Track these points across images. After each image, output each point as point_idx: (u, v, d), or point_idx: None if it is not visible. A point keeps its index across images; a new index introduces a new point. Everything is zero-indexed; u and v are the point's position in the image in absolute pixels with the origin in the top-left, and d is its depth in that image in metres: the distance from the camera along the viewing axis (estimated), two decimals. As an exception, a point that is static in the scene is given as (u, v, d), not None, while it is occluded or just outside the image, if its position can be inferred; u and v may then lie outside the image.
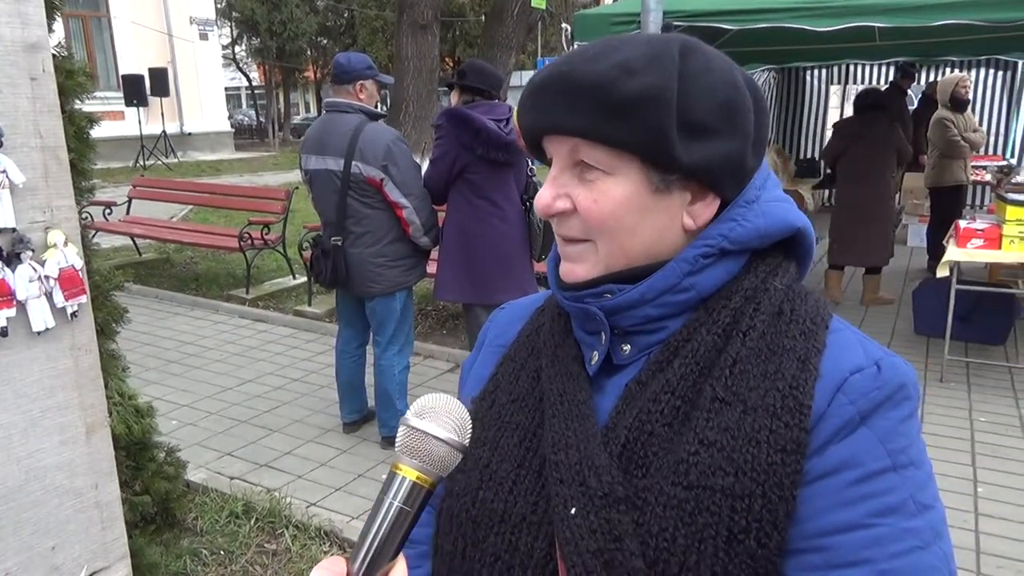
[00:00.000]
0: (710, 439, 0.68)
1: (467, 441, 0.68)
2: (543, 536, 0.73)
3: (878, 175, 5.97)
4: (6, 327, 1.60)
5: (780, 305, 0.75)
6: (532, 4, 8.27)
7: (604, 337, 0.78)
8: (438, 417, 0.67)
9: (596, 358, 0.79)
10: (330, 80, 3.65)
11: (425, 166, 3.71)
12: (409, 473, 0.66)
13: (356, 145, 3.42)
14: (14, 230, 1.60)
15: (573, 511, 0.70)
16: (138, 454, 2.40)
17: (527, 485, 0.76)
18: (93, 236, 7.99)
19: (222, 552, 3.01)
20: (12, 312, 1.61)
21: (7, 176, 1.57)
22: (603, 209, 0.74)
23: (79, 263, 1.72)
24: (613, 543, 0.68)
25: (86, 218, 7.38)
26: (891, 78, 8.76)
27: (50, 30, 2.19)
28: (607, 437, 0.73)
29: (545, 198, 0.77)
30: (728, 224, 0.76)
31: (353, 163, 3.43)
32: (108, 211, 7.88)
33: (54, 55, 2.18)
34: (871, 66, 10.22)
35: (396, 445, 0.67)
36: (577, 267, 0.78)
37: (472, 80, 3.55)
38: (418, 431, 0.66)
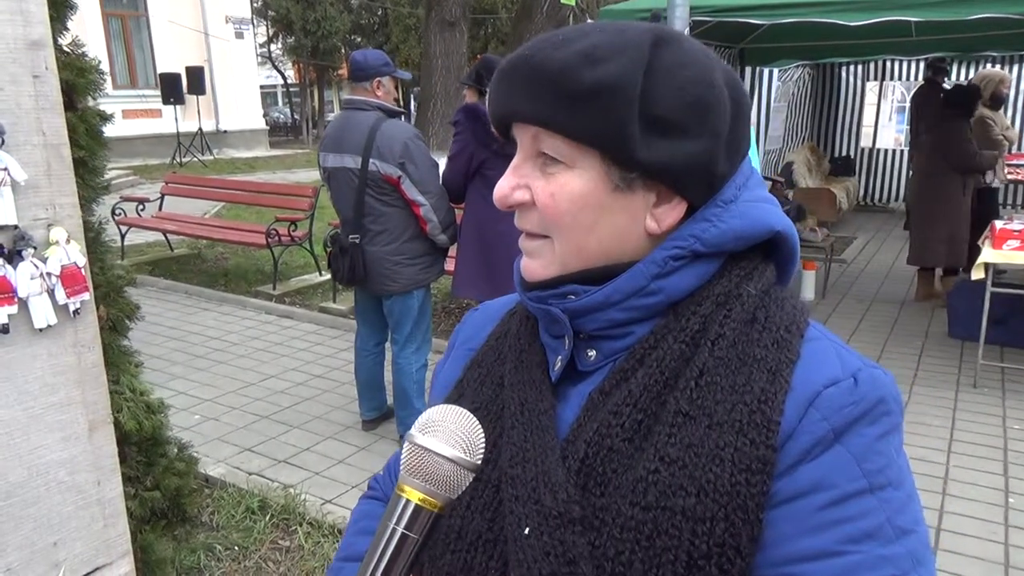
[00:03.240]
0: (671, 456, 0.64)
1: (478, 459, 0.63)
2: (498, 556, 0.70)
3: (936, 173, 5.81)
4: (7, 324, 1.61)
5: (754, 312, 0.70)
6: (561, 0, 8.20)
7: (567, 341, 0.74)
8: (443, 432, 0.62)
9: (559, 364, 0.75)
10: (348, 78, 3.65)
11: (443, 163, 3.69)
12: (412, 495, 0.61)
13: (373, 143, 3.41)
14: (16, 227, 1.61)
15: (527, 531, 0.67)
16: (149, 450, 2.42)
17: (485, 500, 0.73)
18: (127, 232, 8.05)
19: (236, 548, 3.02)
20: (14, 309, 1.62)
21: (8, 174, 1.58)
22: (559, 204, 0.70)
23: (82, 260, 1.72)
24: (567, 567, 0.64)
25: (119, 214, 7.56)
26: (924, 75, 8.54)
27: (64, 28, 2.22)
28: (566, 451, 0.69)
29: (503, 188, 0.73)
30: (701, 224, 0.71)
31: (370, 161, 3.42)
32: (141, 207, 8.02)
33: (68, 52, 2.20)
34: (908, 62, 9.97)
35: (401, 464, 0.63)
36: (533, 263, 0.75)
37: (489, 84, 3.51)
38: (421, 448, 0.62)
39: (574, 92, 0.66)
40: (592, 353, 0.74)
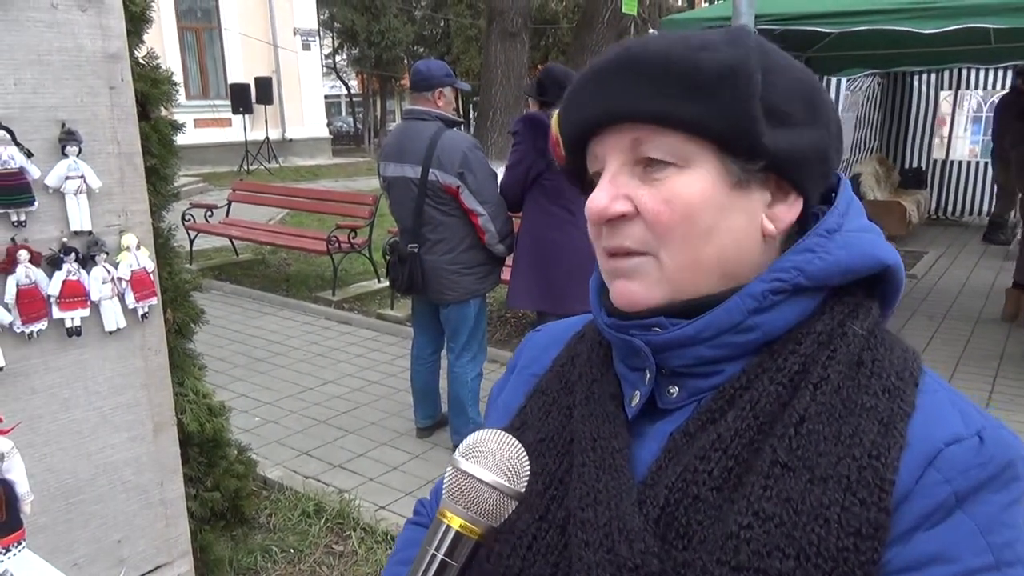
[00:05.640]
0: (767, 512, 0.58)
1: (522, 487, 0.61)
2: None
3: None
4: (80, 327, 1.67)
5: (860, 354, 0.64)
6: (623, 10, 8.16)
7: (648, 376, 0.69)
8: (486, 458, 0.61)
9: (637, 399, 0.69)
10: (409, 88, 3.69)
11: (501, 172, 3.70)
12: (453, 521, 0.60)
13: (434, 153, 3.44)
14: (90, 233, 1.67)
15: None
16: (211, 451, 2.48)
17: (549, 542, 0.66)
18: (195, 237, 8.31)
19: (292, 550, 3.06)
20: (86, 312, 1.67)
21: (85, 181, 1.63)
22: (676, 211, 0.64)
23: (151, 266, 1.77)
24: None
25: (189, 219, 7.82)
26: (1009, 83, 8.19)
27: (140, 41, 2.29)
28: (644, 496, 0.63)
29: (601, 200, 0.66)
30: (804, 255, 0.65)
31: (430, 171, 3.45)
32: (210, 213, 8.27)
33: (143, 64, 2.28)
34: (987, 70, 9.58)
35: (443, 489, 0.62)
36: (634, 285, 0.67)
37: (552, 95, 3.50)
38: (463, 474, 0.60)
39: (694, 79, 0.63)
40: (674, 390, 0.69)
